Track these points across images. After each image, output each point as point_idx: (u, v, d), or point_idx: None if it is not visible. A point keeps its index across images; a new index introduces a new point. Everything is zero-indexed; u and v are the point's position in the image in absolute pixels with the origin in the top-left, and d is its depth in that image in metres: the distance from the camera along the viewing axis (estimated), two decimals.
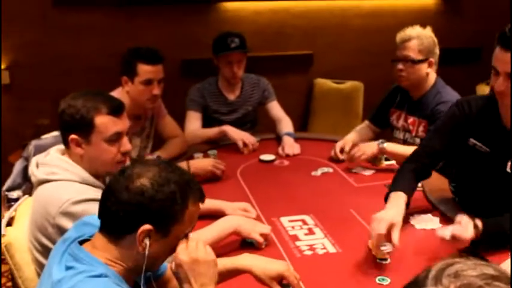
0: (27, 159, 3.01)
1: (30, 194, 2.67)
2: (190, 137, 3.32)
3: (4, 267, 3.69)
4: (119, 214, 1.35)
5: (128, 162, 1.98)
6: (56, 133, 3.15)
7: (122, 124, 1.96)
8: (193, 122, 3.45)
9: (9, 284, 3.57)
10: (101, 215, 1.40)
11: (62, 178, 1.90)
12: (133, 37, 4.08)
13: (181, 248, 1.43)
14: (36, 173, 1.95)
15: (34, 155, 2.96)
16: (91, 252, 1.38)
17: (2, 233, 2.00)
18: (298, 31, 4.67)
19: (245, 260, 1.69)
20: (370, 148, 2.91)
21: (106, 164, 1.95)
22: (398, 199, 2.13)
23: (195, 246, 1.43)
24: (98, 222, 1.50)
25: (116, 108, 1.94)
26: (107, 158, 1.94)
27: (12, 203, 2.52)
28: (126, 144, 1.98)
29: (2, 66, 4.04)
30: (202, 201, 1.47)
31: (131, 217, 1.34)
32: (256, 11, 4.54)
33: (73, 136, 1.92)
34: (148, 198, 1.34)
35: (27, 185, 2.95)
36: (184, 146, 3.19)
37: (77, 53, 4.16)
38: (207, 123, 3.48)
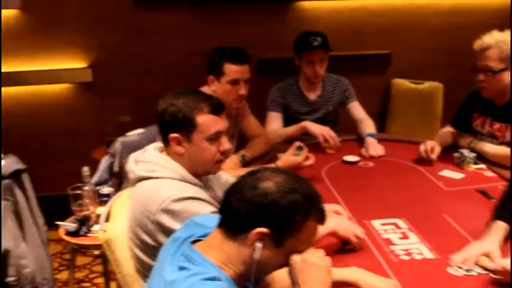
0: (114, 156, 3.08)
1: (118, 190, 2.73)
2: (272, 136, 3.31)
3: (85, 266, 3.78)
4: (240, 211, 1.35)
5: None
6: (140, 130, 3.22)
7: (222, 123, 1.97)
8: (274, 122, 3.44)
9: (97, 279, 3.67)
10: (222, 210, 1.41)
11: (161, 176, 1.92)
12: (211, 36, 4.13)
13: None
14: (135, 169, 1.98)
15: (121, 151, 3.03)
16: (204, 253, 1.38)
17: (103, 228, 2.04)
18: (376, 30, 4.59)
19: (354, 273, 1.67)
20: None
21: (206, 163, 1.97)
22: (498, 230, 2.04)
23: (312, 251, 1.41)
24: (207, 222, 1.51)
25: (216, 107, 1.95)
26: (207, 156, 1.95)
27: (104, 198, 2.59)
28: (225, 143, 1.99)
29: (86, 65, 4.16)
30: (322, 223, 1.44)
31: (250, 216, 1.34)
32: (333, 10, 4.49)
33: (174, 135, 1.94)
34: (271, 202, 1.33)
35: (114, 180, 3.02)
36: (268, 145, 3.18)
37: (156, 52, 4.23)
38: (287, 123, 3.47)
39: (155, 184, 1.91)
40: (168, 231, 1.82)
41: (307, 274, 1.39)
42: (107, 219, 2.14)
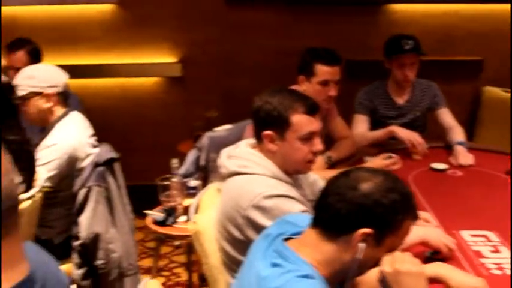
0: (201, 150, 3.14)
1: (204, 183, 2.79)
2: (358, 138, 3.29)
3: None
4: (341, 212, 1.36)
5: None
6: (227, 126, 3.27)
7: (316, 124, 1.98)
8: (361, 125, 3.41)
9: (177, 269, 3.76)
10: (318, 211, 1.42)
11: (254, 172, 1.95)
12: (300, 36, 4.13)
13: (385, 258, 1.40)
14: (227, 164, 2.02)
15: (208, 146, 3.09)
16: (297, 251, 1.39)
17: (192, 220, 2.09)
18: (468, 35, 4.45)
19: (441, 269, 1.62)
20: None
21: (297, 162, 1.98)
22: None
23: (402, 258, 1.40)
24: (299, 221, 1.52)
25: (311, 108, 1.96)
26: (298, 156, 1.97)
27: (191, 191, 2.65)
28: (318, 144, 1.99)
29: (176, 59, 4.27)
30: (416, 221, 1.46)
31: (353, 217, 1.35)
32: (424, 13, 4.39)
33: (268, 132, 1.96)
34: (373, 202, 1.34)
35: (199, 174, 3.08)
36: (354, 148, 3.16)
37: (245, 49, 4.29)
38: (374, 127, 3.43)
39: (247, 180, 1.94)
40: (257, 227, 1.85)
41: (403, 284, 1.38)
42: (196, 212, 2.19)
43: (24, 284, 1.12)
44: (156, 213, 2.66)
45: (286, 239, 1.47)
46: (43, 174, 2.47)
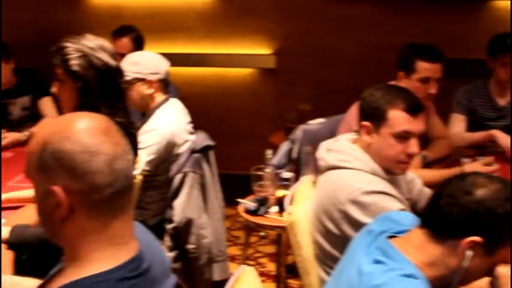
0: (293, 142, 3.15)
1: (296, 176, 2.79)
2: (455, 139, 3.19)
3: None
4: (452, 215, 1.32)
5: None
6: (321, 120, 3.26)
7: (415, 124, 1.93)
8: (458, 124, 3.30)
9: (261, 259, 3.79)
10: (428, 211, 1.39)
11: (353, 166, 1.93)
12: (397, 31, 4.05)
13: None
14: (326, 157, 2.01)
15: (301, 139, 3.09)
16: (401, 250, 1.37)
17: (288, 211, 2.10)
18: None
19: None
20: None
21: (387, 160, 1.94)
22: None
23: None
24: (402, 219, 1.50)
25: (413, 107, 1.92)
26: (389, 153, 1.93)
27: (284, 182, 2.66)
28: (413, 146, 1.94)
29: (270, 51, 4.29)
30: None
31: (464, 223, 1.31)
32: None
33: (365, 123, 1.95)
34: (487, 209, 1.29)
35: (291, 166, 3.09)
36: (450, 148, 3.07)
37: (340, 43, 4.25)
38: (471, 127, 3.31)
39: (346, 174, 1.93)
40: (354, 222, 1.83)
41: None
42: (290, 203, 2.20)
43: (135, 261, 1.17)
44: (248, 203, 2.69)
45: (390, 237, 1.45)
46: (143, 157, 2.56)
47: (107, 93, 2.06)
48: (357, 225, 1.82)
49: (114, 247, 1.15)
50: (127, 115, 2.17)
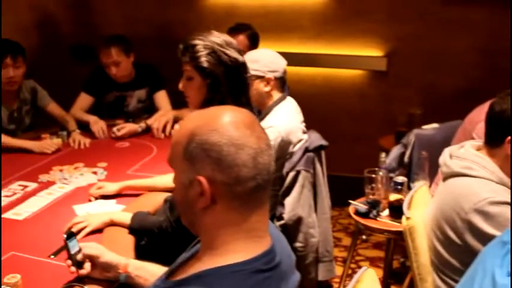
0: (406, 146, 3.09)
1: (409, 181, 2.74)
2: None
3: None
4: None
5: None
6: (435, 125, 3.18)
7: None
8: None
9: (362, 263, 3.74)
10: None
11: (478, 175, 1.87)
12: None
13: None
14: (450, 164, 1.96)
15: (413, 143, 3.03)
16: None
17: (406, 215, 2.07)
18: None
19: None
20: None
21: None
22: None
23: None
24: None
25: None
26: None
27: (397, 187, 2.62)
28: None
29: (382, 53, 4.23)
30: None
31: None
32: None
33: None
34: None
35: (401, 170, 3.03)
36: None
37: (453, 47, 4.11)
38: None
39: (471, 183, 1.87)
40: (477, 233, 1.78)
41: None
42: (408, 208, 2.16)
43: (269, 254, 1.19)
44: (359, 204, 2.67)
45: None
46: None
47: (234, 89, 2.10)
48: (481, 235, 1.76)
49: (250, 239, 1.18)
50: (251, 110, 2.21)
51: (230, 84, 2.09)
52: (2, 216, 2.38)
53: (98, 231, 2.19)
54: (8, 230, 2.26)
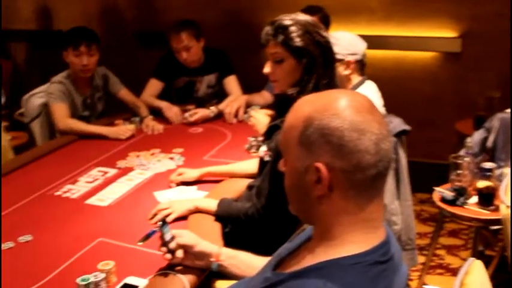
0: (489, 131, 2.97)
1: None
2: None
3: None
4: None
5: None
6: None
7: None
8: None
9: (439, 251, 3.64)
10: None
11: None
12: None
13: None
14: None
15: (498, 128, 2.90)
16: None
17: (506, 203, 1.97)
18: None
19: None
20: None
21: None
22: None
23: None
24: None
25: None
26: None
27: (486, 173, 2.51)
28: None
29: (456, 34, 4.07)
30: None
31: None
32: None
33: None
34: None
35: (484, 156, 2.91)
36: None
37: None
38: None
39: None
40: None
41: None
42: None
43: (385, 245, 1.13)
44: (445, 191, 2.57)
45: None
46: None
47: (327, 69, 2.04)
48: None
49: (367, 230, 1.13)
50: None
51: (325, 65, 2.03)
52: (86, 201, 2.40)
53: (182, 218, 2.17)
54: (93, 215, 2.28)
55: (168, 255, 1.75)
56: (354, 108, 1.10)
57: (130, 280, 1.73)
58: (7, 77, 5.00)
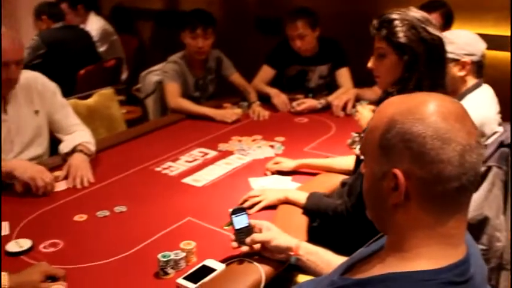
0: None
1: None
2: None
3: None
4: None
5: None
6: None
7: None
8: None
9: None
10: None
11: None
12: None
13: None
14: None
15: None
16: None
17: None
18: None
19: None
20: None
21: None
22: None
23: None
24: None
25: None
26: None
27: None
28: None
29: None
30: None
31: None
32: None
33: None
34: None
35: None
36: None
37: None
38: None
39: None
40: None
41: None
42: None
43: (463, 265, 1.06)
44: None
45: None
46: None
47: (433, 69, 1.93)
48: None
49: (444, 246, 1.05)
50: (445, 93, 2.01)
51: (429, 64, 1.91)
52: (183, 180, 2.46)
53: (272, 207, 2.16)
54: (186, 194, 2.33)
55: (234, 244, 1.75)
56: (440, 114, 1.02)
57: (209, 263, 1.75)
58: (131, 53, 5.25)
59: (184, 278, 1.67)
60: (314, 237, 1.95)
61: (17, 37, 2.43)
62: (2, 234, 1.97)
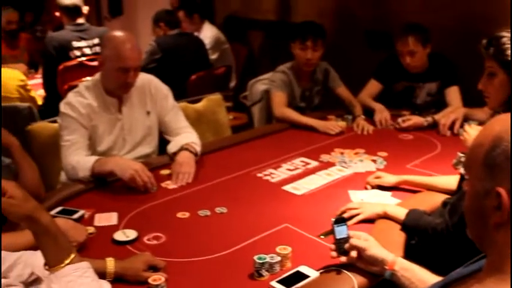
0: None
1: None
2: None
3: None
4: None
5: None
6: None
7: None
8: None
9: None
10: None
11: None
12: None
13: None
14: None
15: None
16: None
17: None
18: None
19: None
20: None
21: None
22: None
23: None
24: None
25: None
26: None
27: None
28: None
29: None
30: None
31: None
32: None
33: None
34: None
35: None
36: None
37: None
38: None
39: None
40: None
41: None
42: None
43: None
44: None
45: None
46: None
47: None
48: None
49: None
50: None
51: None
52: (283, 187, 2.50)
53: (369, 221, 2.15)
54: (285, 201, 2.37)
55: (334, 253, 1.76)
56: None
57: (303, 269, 1.78)
58: (241, 62, 5.39)
59: (278, 282, 1.71)
60: (411, 254, 1.91)
61: (137, 44, 2.61)
62: (110, 224, 2.11)
